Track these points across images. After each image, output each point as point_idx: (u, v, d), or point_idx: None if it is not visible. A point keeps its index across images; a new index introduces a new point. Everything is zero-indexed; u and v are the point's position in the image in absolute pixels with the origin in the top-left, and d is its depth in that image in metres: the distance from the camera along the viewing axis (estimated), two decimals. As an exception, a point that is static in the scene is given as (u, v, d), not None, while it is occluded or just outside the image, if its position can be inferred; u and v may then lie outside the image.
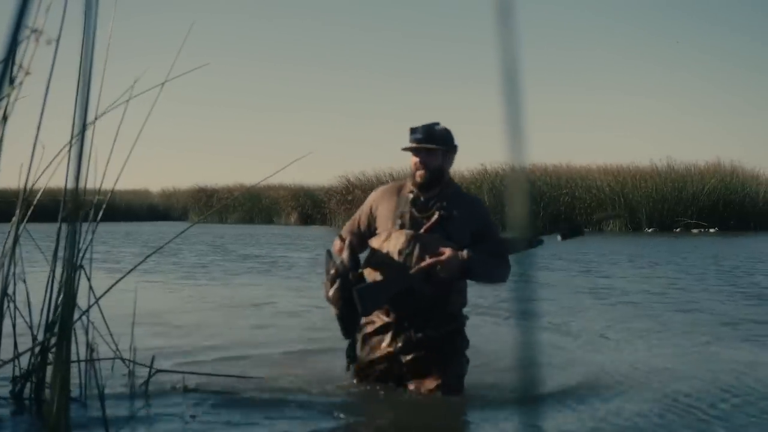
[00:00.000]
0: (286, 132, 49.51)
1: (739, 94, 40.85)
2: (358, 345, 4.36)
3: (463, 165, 28.97)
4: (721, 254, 15.67)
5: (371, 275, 4.18)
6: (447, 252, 4.04)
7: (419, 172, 4.22)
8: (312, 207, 35.00)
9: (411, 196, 4.26)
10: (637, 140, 41.63)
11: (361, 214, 4.46)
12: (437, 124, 4.28)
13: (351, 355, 4.31)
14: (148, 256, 3.99)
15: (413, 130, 4.22)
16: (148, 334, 6.00)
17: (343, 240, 4.30)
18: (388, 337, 4.24)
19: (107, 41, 3.89)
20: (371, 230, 4.36)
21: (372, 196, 4.48)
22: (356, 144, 47.98)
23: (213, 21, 42.39)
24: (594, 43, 43.33)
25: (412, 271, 4.05)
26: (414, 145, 4.22)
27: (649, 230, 25.25)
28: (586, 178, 26.98)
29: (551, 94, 42.93)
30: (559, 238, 4.15)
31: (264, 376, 4.79)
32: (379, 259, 4.18)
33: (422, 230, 4.15)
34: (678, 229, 25.23)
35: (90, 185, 3.96)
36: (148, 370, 4.52)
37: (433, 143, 4.22)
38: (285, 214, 36.55)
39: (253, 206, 37.45)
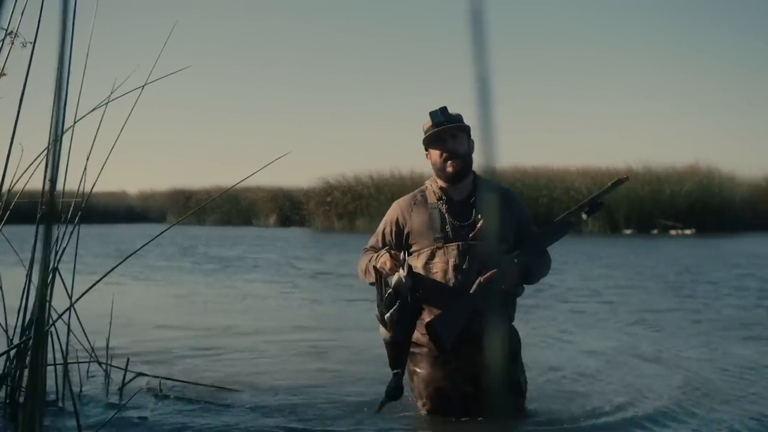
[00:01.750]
0: (264, 134, 49.41)
1: (717, 96, 41.13)
2: (412, 367, 3.86)
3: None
4: (682, 255, 15.91)
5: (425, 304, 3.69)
6: (504, 261, 3.63)
7: (451, 162, 3.72)
8: (291, 209, 34.91)
9: (444, 204, 3.76)
10: (616, 142, 41.76)
11: (386, 228, 3.90)
12: (445, 107, 3.79)
13: (392, 391, 3.66)
14: (127, 258, 3.96)
15: (435, 118, 3.76)
16: (123, 336, 6.00)
17: (394, 258, 3.61)
18: (450, 358, 3.73)
19: (87, 44, 3.88)
20: (402, 246, 3.80)
21: (396, 210, 3.88)
22: (335, 145, 47.96)
23: (194, 25, 42.21)
24: (571, 44, 43.51)
25: (473, 290, 3.60)
26: (442, 127, 3.73)
27: (628, 232, 25.38)
28: (565, 180, 27.10)
29: (531, 95, 43.09)
30: (584, 215, 3.80)
31: (239, 387, 4.77)
32: (429, 285, 3.68)
33: (470, 236, 3.69)
34: (656, 231, 25.39)
35: (68, 187, 3.96)
36: (123, 373, 4.53)
37: (456, 123, 3.77)
38: (263, 215, 36.42)
39: (231, 208, 37.32)
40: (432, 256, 3.71)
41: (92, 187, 4.02)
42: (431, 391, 3.81)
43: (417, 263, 3.71)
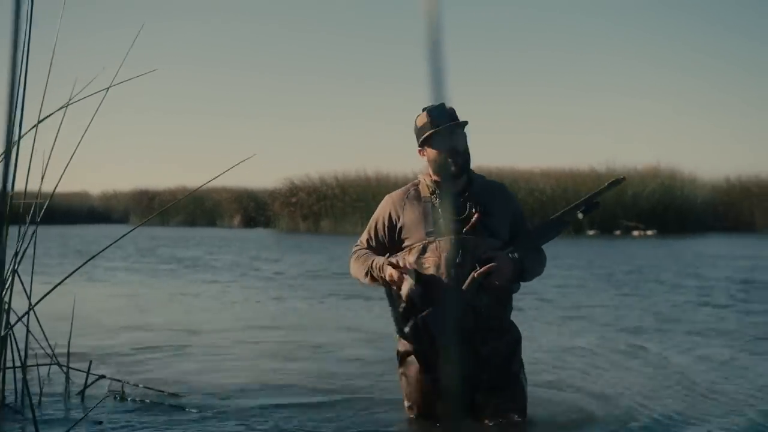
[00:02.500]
0: (229, 135, 49.05)
1: (678, 98, 41.55)
2: (403, 370, 3.76)
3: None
4: (638, 255, 16.23)
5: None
6: (499, 256, 3.52)
7: (452, 160, 3.62)
8: (255, 209, 34.80)
9: (437, 198, 3.67)
10: (580, 143, 42.03)
11: (378, 223, 3.80)
12: (443, 104, 3.63)
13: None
14: (90, 259, 3.92)
15: (433, 117, 3.64)
16: (84, 338, 5.97)
17: (399, 269, 3.54)
18: (440, 359, 3.59)
19: (53, 43, 3.85)
20: (395, 241, 3.73)
21: (389, 204, 3.78)
22: (300, 146, 47.78)
23: (160, 28, 41.80)
24: (532, 43, 43.74)
25: (465, 285, 3.50)
26: (443, 126, 3.62)
27: (591, 232, 25.57)
28: (529, 181, 27.26)
29: (494, 96, 43.27)
30: (579, 215, 3.74)
31: (200, 388, 4.75)
32: (436, 284, 3.57)
33: (464, 230, 3.59)
34: (618, 231, 25.61)
35: (30, 188, 3.92)
36: (84, 376, 4.49)
37: (455, 121, 3.68)
38: (228, 216, 36.27)
39: (195, 209, 37.09)
40: (424, 251, 3.61)
41: (54, 188, 3.98)
42: (419, 395, 3.73)
43: (410, 258, 3.62)
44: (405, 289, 3.47)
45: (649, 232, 25.21)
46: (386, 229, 3.75)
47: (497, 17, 42.27)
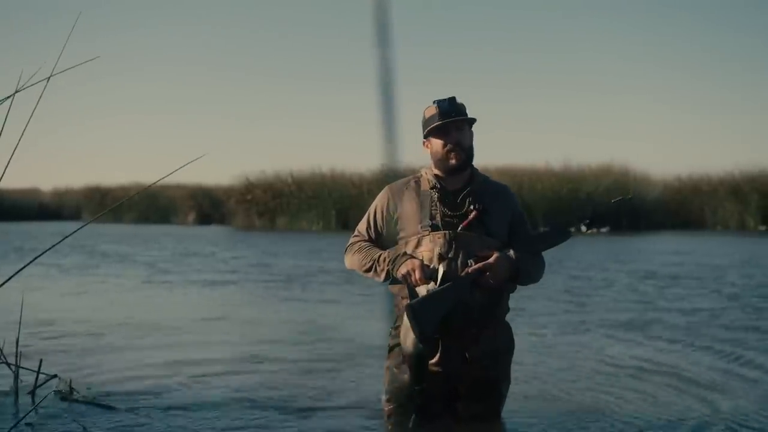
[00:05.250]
0: (184, 132, 48.58)
1: (631, 95, 42.05)
2: (390, 363, 3.67)
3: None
4: (576, 252, 16.51)
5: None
6: (495, 254, 3.46)
7: (454, 154, 3.58)
8: (210, 206, 34.59)
9: (436, 193, 3.62)
10: (536, 140, 42.34)
11: (376, 213, 3.73)
12: (453, 98, 3.65)
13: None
14: (39, 256, 3.84)
15: (442, 107, 3.59)
16: (31, 336, 5.94)
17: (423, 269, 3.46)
18: (435, 356, 3.54)
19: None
20: (392, 232, 3.67)
21: (387, 194, 3.72)
22: (255, 144, 47.53)
23: (110, 24, 41.38)
24: (488, 38, 43.97)
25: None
26: (450, 119, 3.57)
27: (543, 230, 25.67)
28: (484, 178, 27.34)
29: (448, 92, 43.34)
30: (583, 228, 3.73)
31: (147, 386, 4.72)
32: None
33: (459, 228, 3.53)
34: (573, 229, 25.77)
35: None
36: (35, 375, 4.44)
37: (463, 116, 3.63)
38: (182, 213, 35.96)
39: (149, 205, 36.72)
40: (418, 244, 3.55)
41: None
42: (395, 389, 3.65)
43: (405, 250, 3.56)
44: (422, 291, 3.41)
45: (603, 230, 25.48)
46: (384, 219, 3.69)
47: (451, 15, 42.45)
